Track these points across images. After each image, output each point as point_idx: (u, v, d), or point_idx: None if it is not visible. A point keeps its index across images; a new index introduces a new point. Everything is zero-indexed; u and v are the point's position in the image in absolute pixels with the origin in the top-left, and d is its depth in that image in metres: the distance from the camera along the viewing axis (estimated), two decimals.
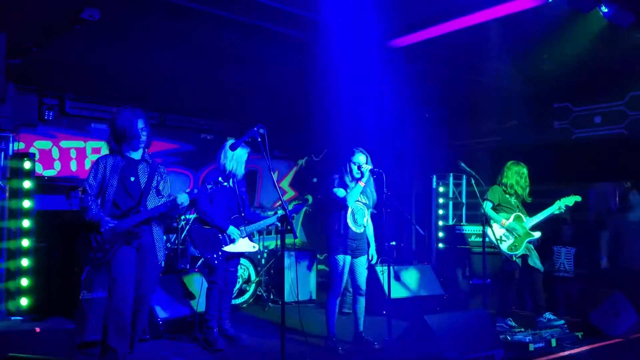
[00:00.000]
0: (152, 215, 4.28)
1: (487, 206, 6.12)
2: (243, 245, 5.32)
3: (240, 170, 5.34)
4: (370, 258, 5.40)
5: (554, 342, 5.35)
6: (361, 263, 5.32)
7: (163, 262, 4.45)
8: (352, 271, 5.29)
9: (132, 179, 4.30)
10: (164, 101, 8.04)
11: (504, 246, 6.04)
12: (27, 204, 5.18)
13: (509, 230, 6.08)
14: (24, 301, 5.07)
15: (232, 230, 5.22)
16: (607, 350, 5.38)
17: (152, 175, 4.38)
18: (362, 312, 5.36)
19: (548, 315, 6.06)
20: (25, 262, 5.12)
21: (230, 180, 5.26)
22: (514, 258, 6.05)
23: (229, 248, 5.23)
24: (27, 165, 5.21)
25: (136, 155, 4.38)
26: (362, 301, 5.35)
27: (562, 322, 5.97)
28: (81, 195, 4.29)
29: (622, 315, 5.73)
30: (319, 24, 5.38)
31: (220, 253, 5.19)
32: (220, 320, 5.34)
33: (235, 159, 5.26)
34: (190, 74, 6.80)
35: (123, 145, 4.31)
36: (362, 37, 5.82)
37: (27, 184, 5.19)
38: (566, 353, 5.11)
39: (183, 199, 4.31)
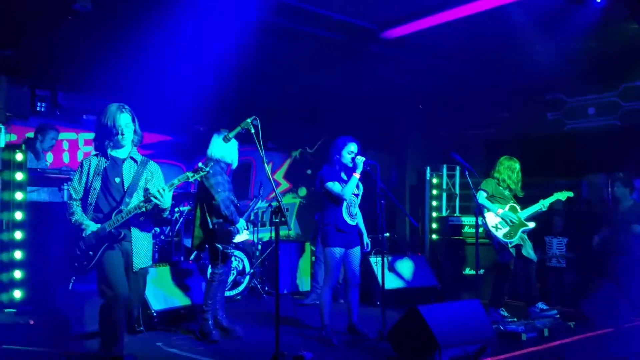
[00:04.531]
0: (133, 214, 3.97)
1: (481, 196, 6.14)
2: (243, 235, 5.39)
3: (236, 160, 5.39)
4: (365, 246, 5.46)
5: (546, 332, 5.39)
6: (355, 254, 5.35)
7: (144, 269, 4.13)
8: (346, 262, 5.31)
9: (117, 180, 4.03)
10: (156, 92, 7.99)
11: (499, 234, 6.07)
12: (19, 195, 5.15)
13: (504, 219, 6.11)
14: (17, 293, 5.06)
15: (242, 223, 5.31)
16: (599, 340, 5.42)
17: (140, 173, 4.09)
18: (356, 303, 5.39)
19: (541, 305, 6.11)
20: (18, 255, 5.10)
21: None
22: (509, 246, 6.08)
23: (237, 239, 5.32)
24: (19, 157, 5.17)
25: (122, 153, 4.10)
26: (356, 292, 5.39)
27: (555, 312, 6.02)
28: (68, 201, 4.11)
29: (614, 304, 5.78)
30: (310, 14, 5.36)
31: (233, 244, 5.28)
32: (215, 311, 5.35)
33: (231, 150, 5.29)
34: (183, 65, 6.76)
35: (107, 143, 4.03)
36: (354, 28, 5.81)
37: (19, 176, 5.16)
38: (558, 343, 5.15)
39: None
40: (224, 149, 5.24)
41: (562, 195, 6.17)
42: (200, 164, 4.14)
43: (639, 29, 5.85)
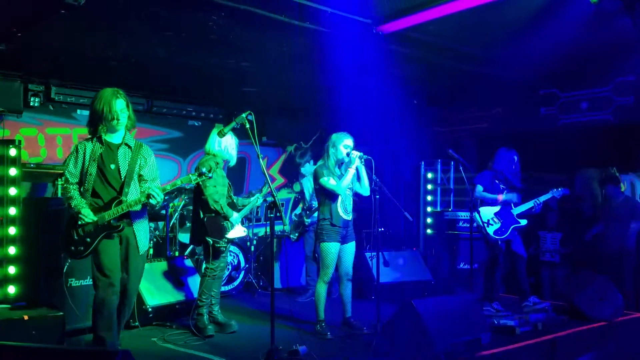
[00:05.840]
0: (134, 207, 4.06)
1: (479, 189, 6.17)
2: (238, 230, 5.37)
3: (234, 158, 5.38)
4: None
5: (540, 326, 5.42)
6: (350, 249, 5.37)
7: (146, 252, 4.26)
8: (340, 257, 5.32)
9: (112, 166, 4.09)
10: (151, 87, 7.97)
11: (490, 230, 6.10)
12: (13, 191, 5.13)
13: (496, 215, 6.14)
14: (11, 289, 5.05)
15: (236, 218, 5.30)
16: (591, 334, 5.46)
17: (135, 160, 4.14)
18: (349, 297, 5.42)
19: (534, 299, 6.15)
20: (12, 250, 5.08)
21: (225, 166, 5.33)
22: (499, 243, 6.11)
23: (230, 234, 5.30)
24: (12, 152, 5.15)
25: (117, 138, 4.15)
26: (349, 286, 5.41)
27: (548, 305, 6.06)
28: (63, 184, 4.12)
29: (607, 298, 5.82)
30: (305, 8, 5.34)
31: (225, 240, 5.26)
32: (210, 306, 5.35)
33: (229, 146, 5.29)
34: (178, 59, 6.74)
35: (101, 128, 4.07)
36: (349, 23, 5.80)
37: (13, 172, 5.14)
38: (552, 336, 5.18)
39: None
40: (220, 145, 5.24)
41: (557, 193, 6.19)
42: (204, 169, 4.23)
43: (631, 23, 5.86)
